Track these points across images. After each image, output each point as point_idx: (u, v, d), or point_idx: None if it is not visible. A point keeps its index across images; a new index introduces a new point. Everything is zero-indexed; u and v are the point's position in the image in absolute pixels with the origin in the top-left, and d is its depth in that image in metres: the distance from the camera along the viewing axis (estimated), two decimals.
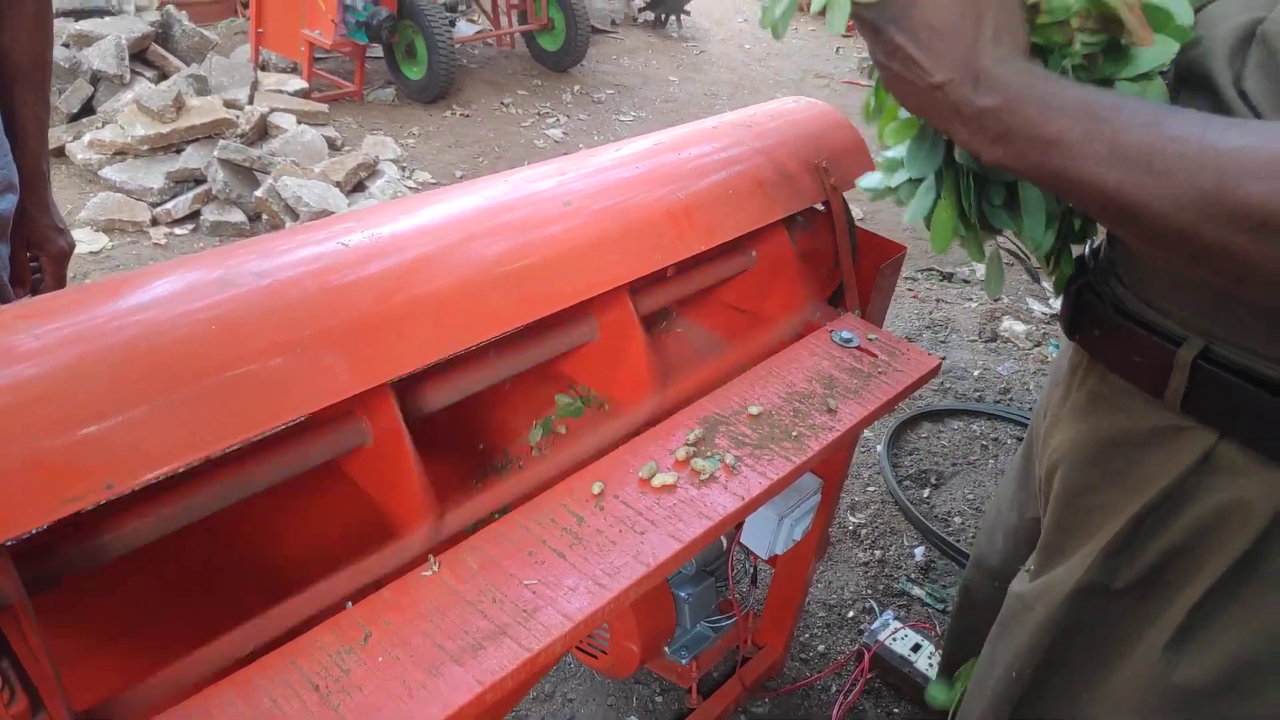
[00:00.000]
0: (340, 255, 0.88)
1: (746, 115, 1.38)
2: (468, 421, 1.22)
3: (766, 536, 1.45)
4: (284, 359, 0.78)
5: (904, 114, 0.89)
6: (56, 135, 3.91)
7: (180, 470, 0.74)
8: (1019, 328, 3.26)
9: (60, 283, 1.31)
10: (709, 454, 1.04)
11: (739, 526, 1.50)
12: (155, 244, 3.50)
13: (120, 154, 3.80)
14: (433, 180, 4.22)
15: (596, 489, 0.97)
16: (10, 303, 1.23)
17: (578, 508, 0.95)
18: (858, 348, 1.28)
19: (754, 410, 1.13)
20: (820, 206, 1.38)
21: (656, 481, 0.98)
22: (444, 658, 0.77)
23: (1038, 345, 3.15)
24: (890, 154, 0.93)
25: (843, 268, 1.38)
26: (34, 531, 0.76)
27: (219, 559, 0.93)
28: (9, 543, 0.68)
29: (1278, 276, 0.56)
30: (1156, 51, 0.71)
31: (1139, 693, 0.81)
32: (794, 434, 1.10)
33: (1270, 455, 0.69)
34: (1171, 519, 0.77)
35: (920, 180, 0.87)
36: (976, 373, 2.90)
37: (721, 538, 1.54)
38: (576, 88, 5.61)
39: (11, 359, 0.69)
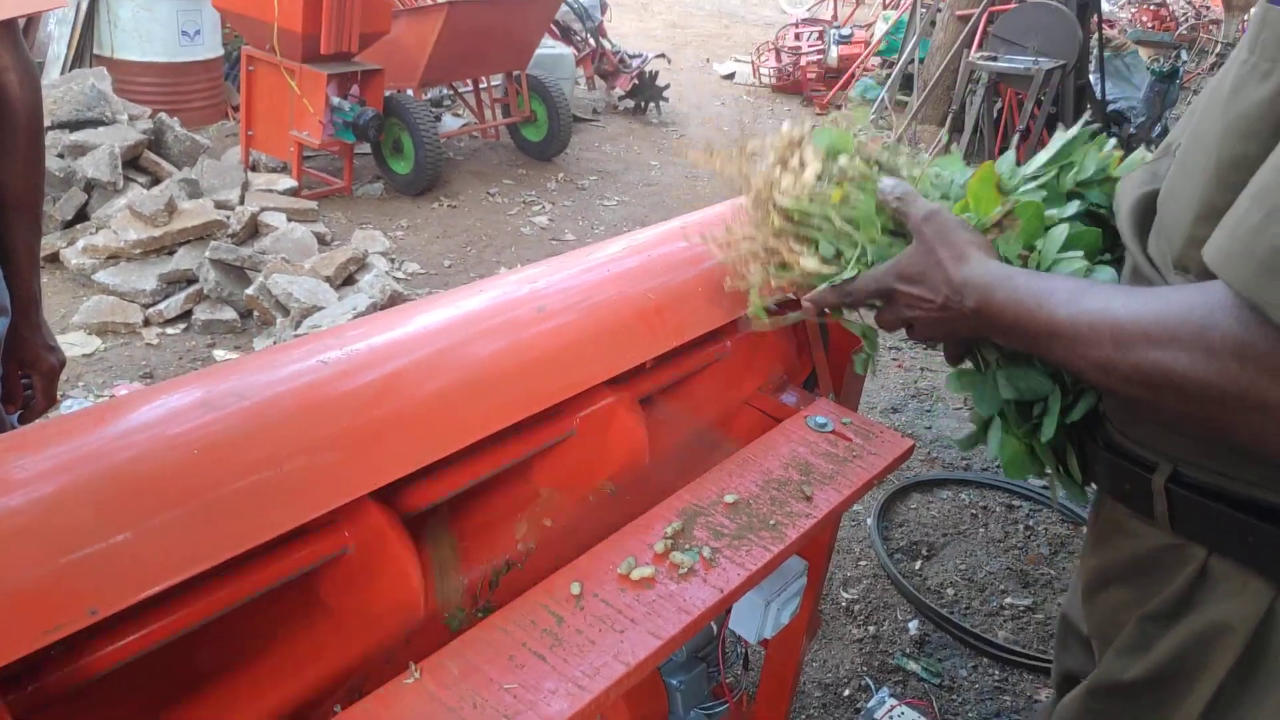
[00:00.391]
0: (318, 372, 0.92)
1: (716, 212, 1.43)
2: (452, 523, 1.24)
3: (755, 622, 1.45)
4: (264, 477, 0.81)
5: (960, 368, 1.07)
6: (50, 242, 3.99)
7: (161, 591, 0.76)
8: None
9: (51, 399, 1.34)
10: (687, 546, 1.06)
11: (728, 611, 1.51)
12: (148, 344, 3.54)
13: (113, 258, 3.87)
14: (421, 271, 4.30)
15: (575, 589, 0.99)
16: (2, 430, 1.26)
17: (557, 608, 0.97)
18: (832, 432, 1.31)
19: (730, 499, 1.15)
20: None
21: (635, 575, 1.00)
22: None
23: None
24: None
25: (814, 355, 1.42)
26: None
27: (202, 672, 0.94)
28: None
29: (1184, 413, 0.67)
30: None
31: None
32: (771, 523, 1.12)
33: (1254, 566, 0.73)
34: (1176, 622, 0.81)
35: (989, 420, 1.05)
36: None
37: (712, 624, 1.55)
38: (561, 175, 5.75)
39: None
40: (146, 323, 3.67)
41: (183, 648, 0.89)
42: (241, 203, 4.38)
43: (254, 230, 4.22)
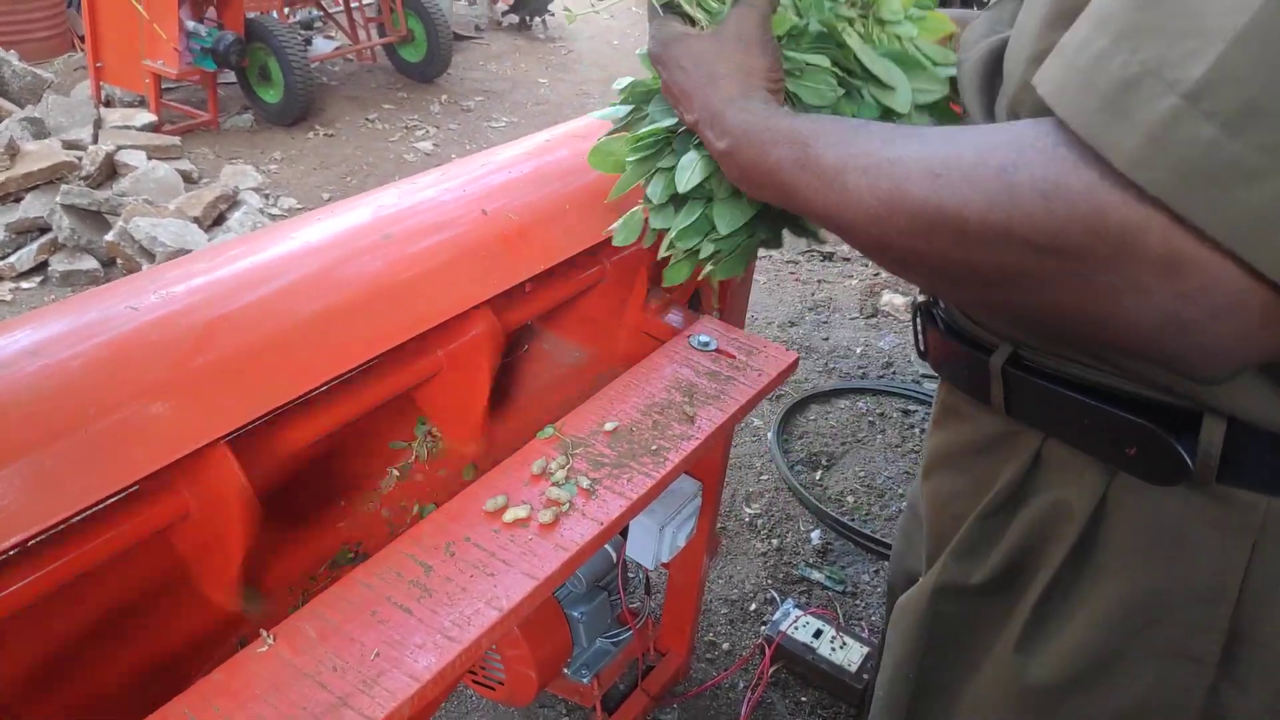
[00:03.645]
0: (129, 320, 0.81)
1: (581, 125, 1.35)
2: (319, 474, 1.16)
3: (651, 547, 1.43)
4: (64, 438, 0.71)
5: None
6: None
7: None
8: (899, 300, 3.33)
9: None
10: (564, 480, 1.01)
11: (625, 536, 1.48)
12: (1, 301, 3.28)
13: None
14: (299, 205, 4.07)
15: (445, 535, 0.93)
16: None
17: (425, 556, 0.91)
18: (716, 350, 1.27)
19: (610, 427, 1.10)
20: None
21: (509, 516, 0.95)
22: None
23: None
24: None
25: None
26: None
27: (34, 657, 0.86)
28: None
29: (974, 276, 0.55)
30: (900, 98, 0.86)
31: (997, 696, 0.81)
32: (654, 448, 1.08)
33: (1089, 451, 0.70)
34: (1012, 518, 0.78)
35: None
36: (859, 350, 2.96)
37: (610, 552, 1.52)
38: (444, 97, 5.50)
39: None
40: None
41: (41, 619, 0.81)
42: (95, 141, 4.05)
43: (111, 171, 3.92)
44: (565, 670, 1.54)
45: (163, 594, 0.93)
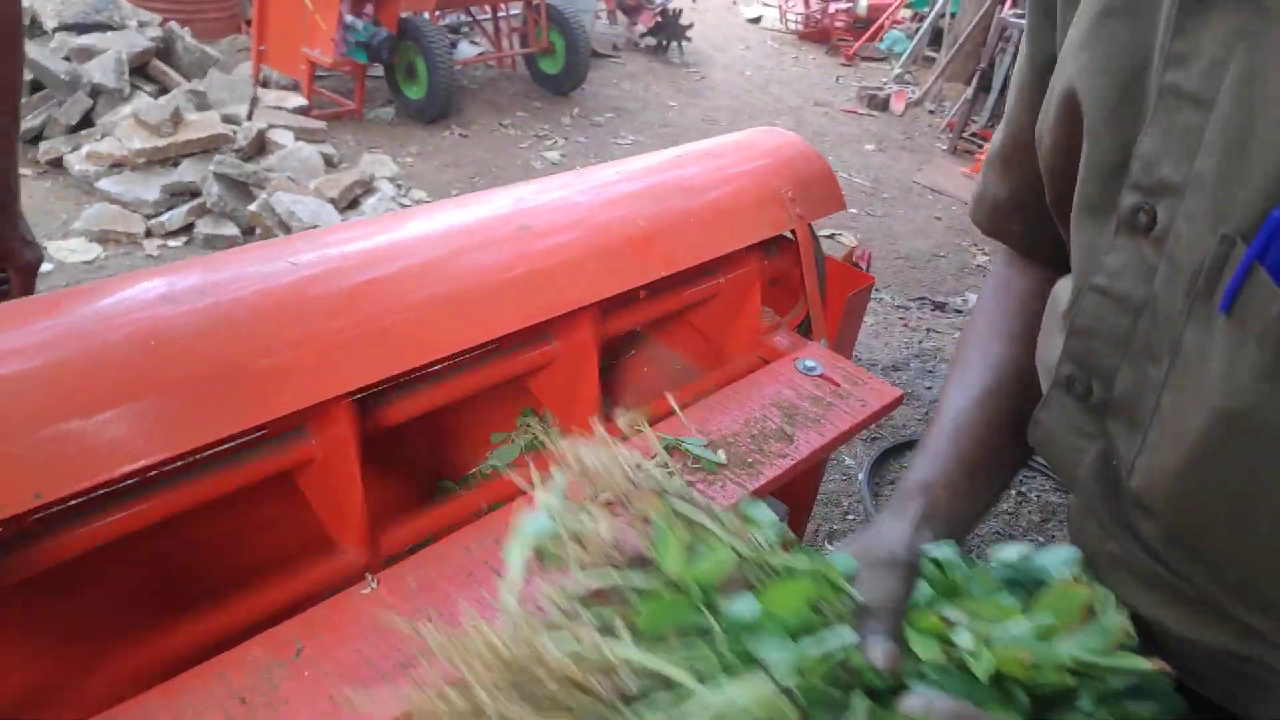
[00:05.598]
0: (288, 275, 0.89)
1: (714, 145, 1.39)
2: (427, 432, 1.23)
3: None
4: (221, 379, 0.79)
5: None
6: (54, 147, 3.94)
7: (113, 480, 0.75)
8: None
9: (27, 294, 1.32)
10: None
11: None
12: (148, 255, 3.52)
13: (117, 166, 3.83)
14: (428, 199, 4.24)
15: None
16: None
17: None
18: (821, 376, 1.29)
19: (711, 436, 1.13)
20: (789, 235, 1.39)
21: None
22: (374, 675, 0.77)
23: None
24: None
25: (809, 297, 1.39)
26: None
27: (162, 567, 0.94)
28: None
29: None
30: None
31: None
32: (749, 461, 1.10)
33: None
34: None
35: None
36: None
37: None
38: (576, 111, 5.65)
39: None
40: (148, 234, 3.63)
41: (139, 547, 0.88)
42: (249, 118, 4.31)
43: (261, 147, 4.16)
44: None
45: (288, 532, 1.01)
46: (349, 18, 4.51)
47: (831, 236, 4.42)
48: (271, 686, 0.75)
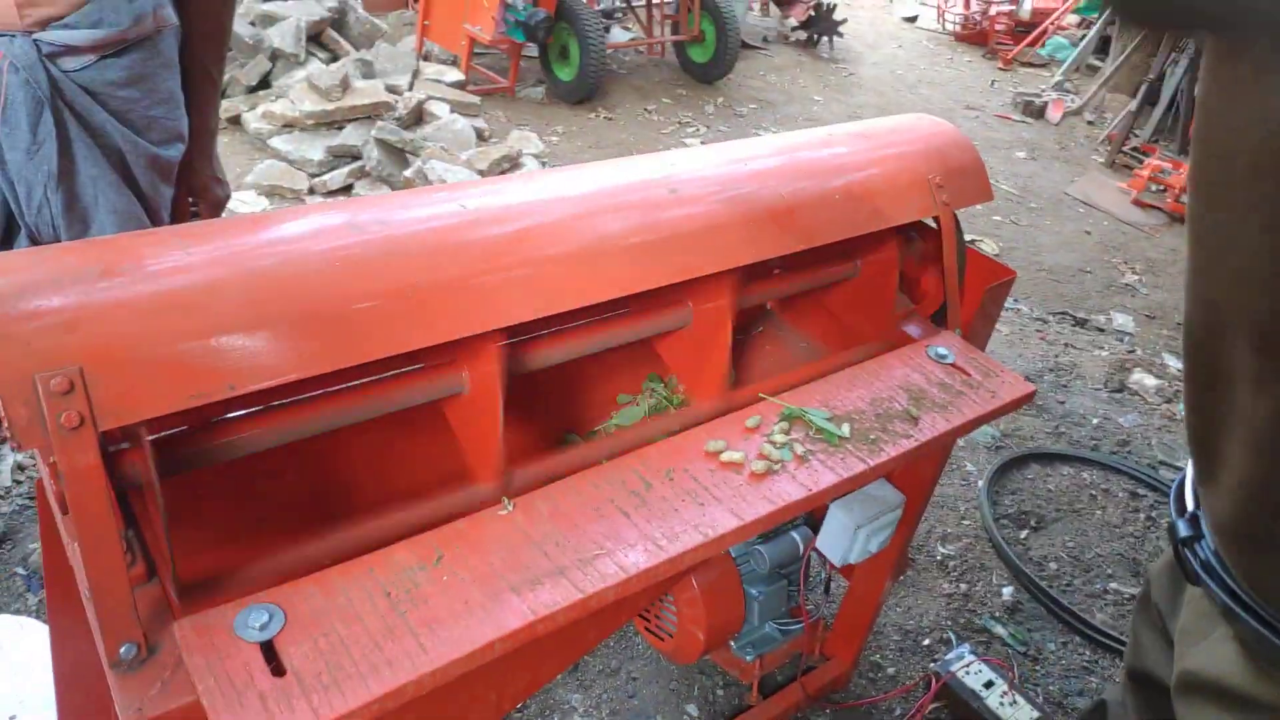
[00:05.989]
0: (459, 215, 0.96)
1: (865, 126, 1.40)
2: (559, 385, 1.29)
3: (842, 544, 1.46)
4: (395, 300, 0.86)
5: None
6: (234, 105, 4.25)
7: (294, 382, 0.83)
8: (1150, 381, 3.11)
9: None
10: (781, 444, 1.07)
11: (815, 534, 1.52)
12: None
13: (288, 126, 4.09)
14: None
15: (667, 462, 1.02)
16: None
17: (648, 475, 1.00)
18: (952, 364, 1.28)
19: (835, 411, 1.15)
20: (931, 222, 1.39)
21: (725, 457, 1.02)
22: (504, 587, 0.83)
23: (1168, 401, 3.00)
24: None
25: (947, 286, 1.38)
26: (175, 429, 0.87)
27: (325, 467, 1.03)
28: (150, 437, 0.79)
29: None
30: None
31: None
32: (871, 438, 1.12)
33: None
34: None
35: None
36: (1095, 421, 2.80)
37: (798, 541, 1.56)
38: (720, 100, 5.67)
39: (162, 272, 0.79)
40: (311, 191, 3.87)
41: (304, 456, 0.98)
42: (410, 89, 4.53)
43: (419, 117, 4.37)
44: (731, 644, 1.60)
45: (432, 462, 1.08)
46: None
47: (972, 242, 4.30)
48: (414, 585, 0.82)
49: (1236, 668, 0.77)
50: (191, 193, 1.45)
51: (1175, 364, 3.29)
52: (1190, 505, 0.85)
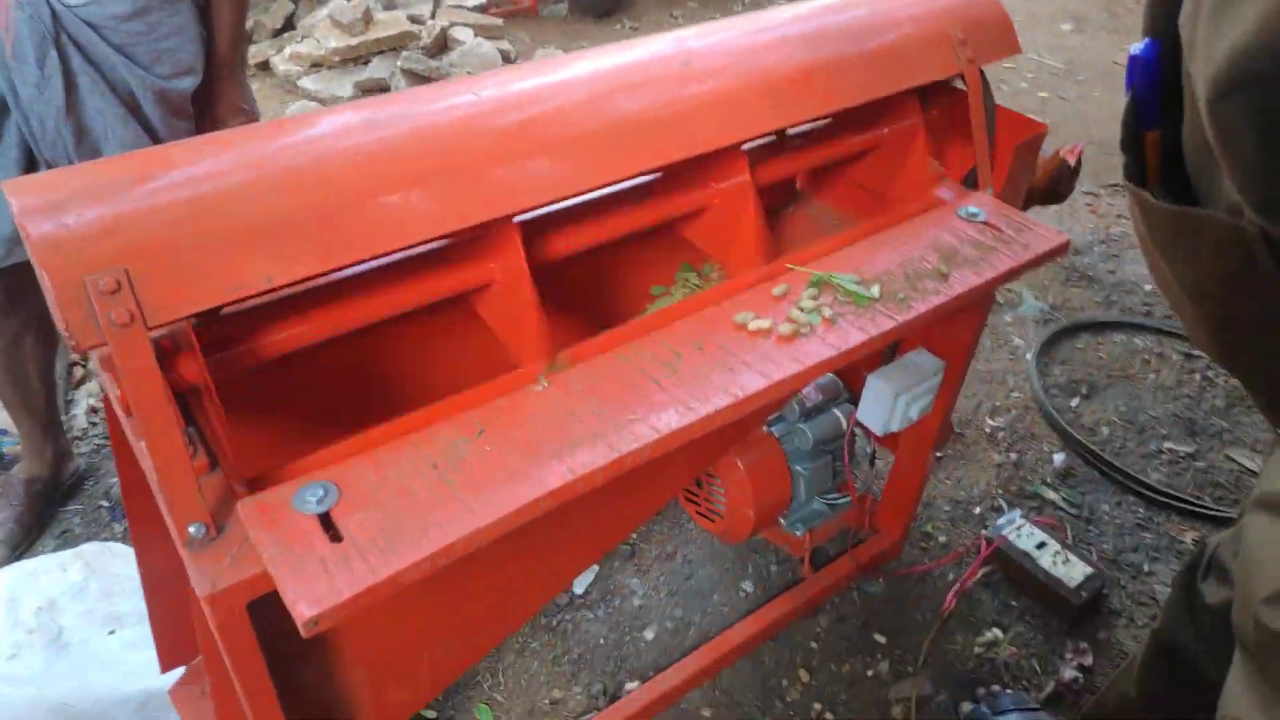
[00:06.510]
0: (472, 106, 0.98)
1: None
2: (593, 283, 1.31)
3: (882, 413, 1.47)
4: (413, 190, 0.89)
5: None
6: (261, 50, 4.26)
7: (329, 276, 0.87)
8: None
9: None
10: (810, 309, 1.09)
11: (857, 405, 1.54)
12: None
13: (316, 66, 4.10)
14: None
15: (697, 334, 1.04)
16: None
17: (678, 346, 1.03)
18: (984, 222, 1.27)
19: (865, 274, 1.15)
20: (958, 82, 1.36)
21: (752, 326, 1.04)
22: (544, 452, 0.87)
23: None
24: None
25: (976, 145, 1.36)
26: (219, 333, 0.91)
27: (366, 372, 1.08)
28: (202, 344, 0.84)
29: None
30: None
31: None
32: (901, 296, 1.12)
33: None
34: None
35: None
36: (1149, 287, 2.73)
37: (840, 418, 1.58)
38: None
39: (193, 178, 0.82)
40: None
41: (347, 352, 1.02)
42: (433, 17, 4.49)
43: (443, 44, 4.34)
44: (781, 520, 1.64)
45: (473, 357, 1.12)
46: None
47: None
48: (459, 456, 0.87)
49: None
50: (216, 123, 1.48)
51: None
52: None
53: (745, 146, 1.17)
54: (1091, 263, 2.80)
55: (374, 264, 1.03)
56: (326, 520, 0.80)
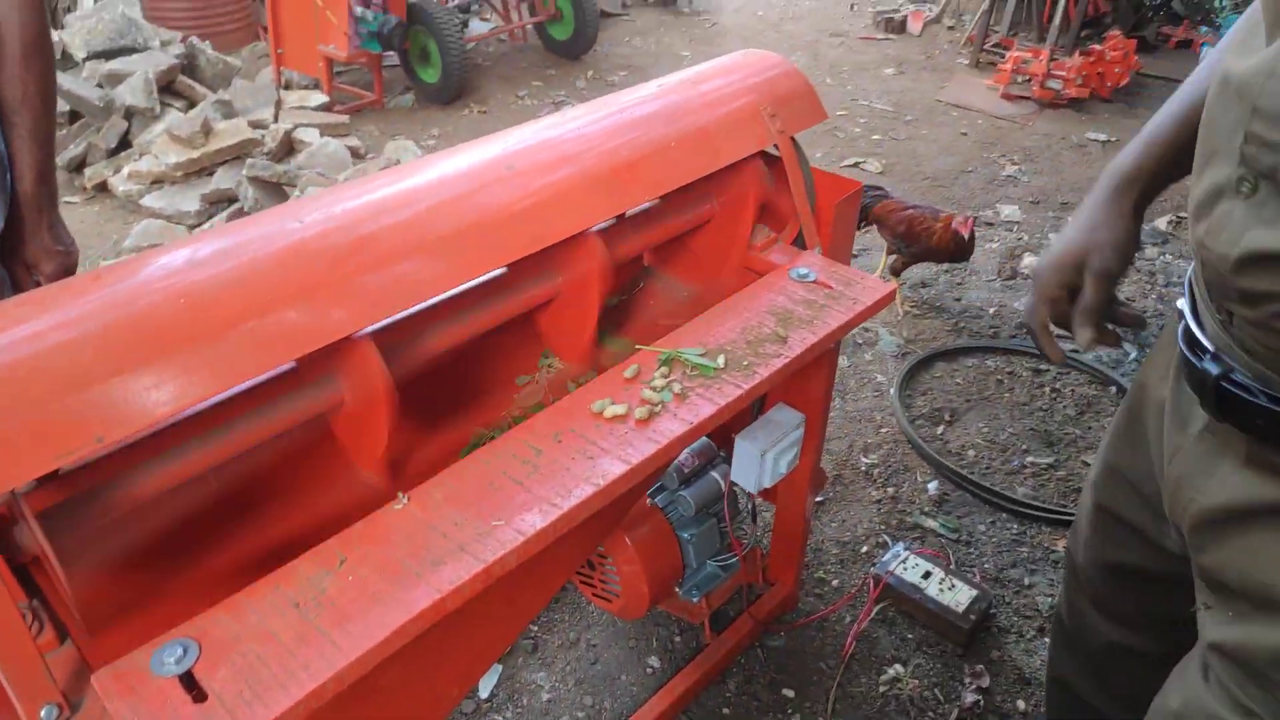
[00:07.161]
0: (296, 232, 0.98)
1: (694, 72, 1.44)
2: (461, 396, 1.31)
3: (753, 471, 1.52)
4: (246, 323, 0.88)
5: None
6: (99, 172, 4.12)
7: (165, 423, 0.85)
8: None
9: None
10: (661, 387, 1.12)
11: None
12: None
13: (158, 182, 4.00)
14: None
15: (555, 427, 1.06)
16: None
17: (537, 443, 1.04)
18: (815, 281, 1.34)
19: (710, 345, 1.20)
20: (774, 151, 1.44)
21: (608, 413, 1.07)
22: (408, 573, 0.86)
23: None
24: None
25: (798, 208, 1.44)
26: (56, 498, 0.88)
27: (220, 510, 1.05)
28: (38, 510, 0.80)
29: None
30: None
31: None
32: (745, 364, 1.17)
33: None
34: None
35: None
36: (992, 310, 2.92)
37: (718, 479, 1.62)
38: (590, 73, 5.68)
39: (12, 342, 0.80)
40: None
41: (236, 478, 0.99)
42: (275, 120, 4.45)
43: (289, 147, 4.30)
44: (677, 589, 1.66)
45: (325, 473, 1.11)
46: (358, 9, 4.60)
47: (856, 165, 4.41)
48: (320, 591, 0.85)
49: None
50: (31, 268, 1.42)
51: None
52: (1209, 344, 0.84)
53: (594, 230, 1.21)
54: (938, 293, 2.96)
55: (220, 398, 1.01)
56: (189, 680, 0.77)
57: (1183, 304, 0.89)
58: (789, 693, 1.71)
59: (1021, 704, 1.69)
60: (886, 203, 2.77)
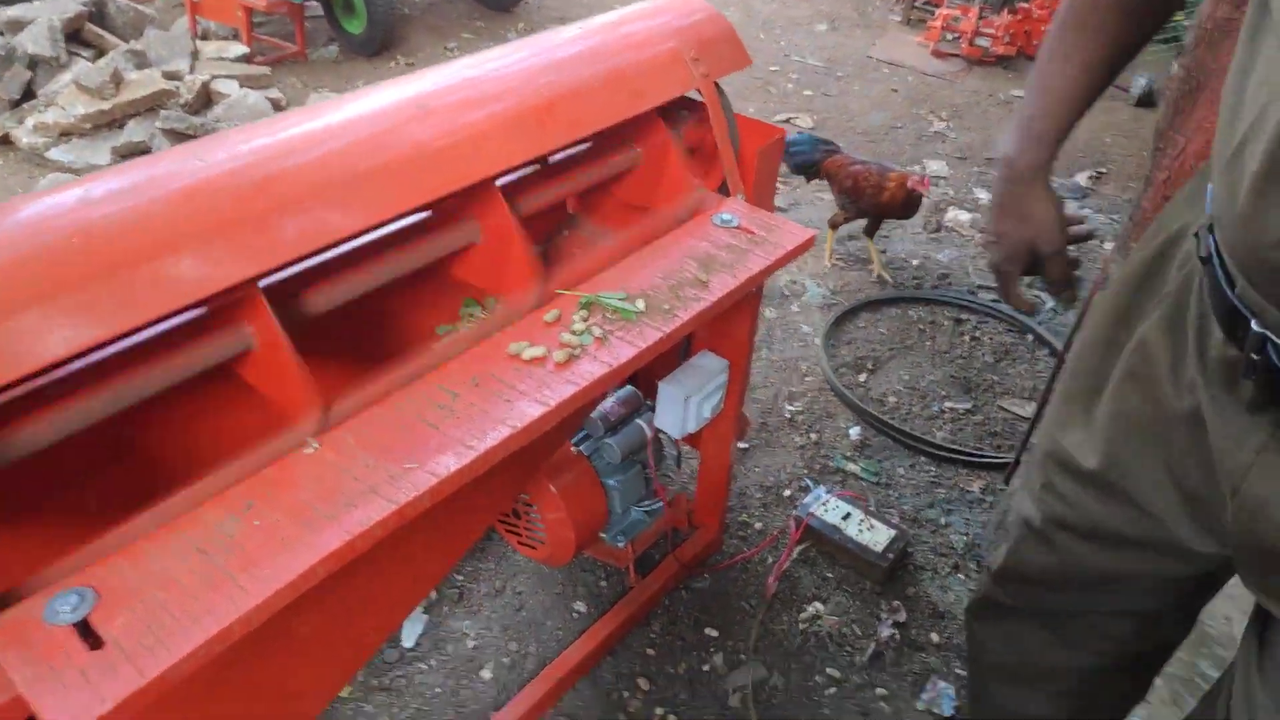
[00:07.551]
0: (200, 170, 0.94)
1: (617, 15, 1.42)
2: (377, 330, 1.29)
3: (677, 417, 1.53)
4: (145, 264, 0.85)
5: None
6: (1, 124, 3.92)
7: (58, 366, 0.82)
8: (964, 216, 3.31)
9: None
10: (581, 330, 1.12)
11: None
12: None
13: (65, 134, 3.82)
14: None
15: (472, 371, 1.05)
16: None
17: (453, 387, 1.03)
18: (737, 227, 1.35)
19: (631, 289, 1.20)
20: (696, 96, 1.44)
21: (527, 355, 1.06)
22: (319, 516, 0.85)
23: (982, 231, 3.21)
24: None
25: (721, 154, 1.44)
26: None
27: (125, 457, 1.02)
28: None
29: None
30: None
31: None
32: (665, 308, 1.17)
33: None
34: None
35: None
36: (916, 262, 2.97)
37: (643, 426, 1.63)
38: (521, 25, 5.56)
39: None
40: None
41: (101, 439, 0.96)
42: (191, 72, 4.27)
43: (207, 99, 4.14)
44: (602, 535, 1.67)
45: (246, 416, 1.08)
46: None
47: (789, 120, 4.42)
48: (227, 536, 0.84)
49: None
50: None
51: (986, 197, 3.51)
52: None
53: (509, 178, 1.19)
54: (864, 245, 3.00)
55: (125, 344, 0.98)
56: (84, 628, 0.76)
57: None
58: (712, 632, 1.74)
59: (935, 636, 1.76)
60: (837, 158, 2.81)
